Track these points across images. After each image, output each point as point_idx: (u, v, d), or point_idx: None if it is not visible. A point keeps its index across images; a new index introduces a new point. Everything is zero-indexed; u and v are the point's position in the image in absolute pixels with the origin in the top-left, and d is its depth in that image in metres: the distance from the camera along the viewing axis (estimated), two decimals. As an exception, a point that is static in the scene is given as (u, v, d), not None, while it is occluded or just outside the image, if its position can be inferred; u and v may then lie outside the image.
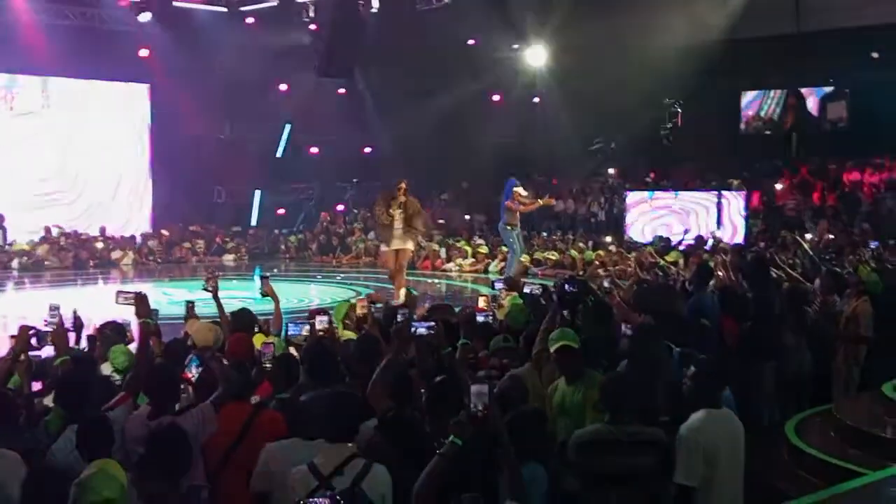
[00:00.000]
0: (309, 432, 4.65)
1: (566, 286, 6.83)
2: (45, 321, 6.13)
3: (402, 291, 11.50)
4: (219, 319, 7.39)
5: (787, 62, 23.26)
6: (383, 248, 15.13)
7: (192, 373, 5.91)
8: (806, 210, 20.87)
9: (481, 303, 7.95)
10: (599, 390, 5.13)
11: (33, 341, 5.90)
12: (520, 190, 17.28)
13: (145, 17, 21.52)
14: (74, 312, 6.70)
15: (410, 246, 15.04)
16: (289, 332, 6.81)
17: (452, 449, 4.18)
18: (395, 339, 5.51)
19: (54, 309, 6.18)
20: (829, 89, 24.15)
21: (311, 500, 3.81)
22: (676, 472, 4.84)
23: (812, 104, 24.49)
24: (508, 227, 17.29)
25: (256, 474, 4.69)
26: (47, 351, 6.31)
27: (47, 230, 22.51)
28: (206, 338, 6.84)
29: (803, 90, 24.63)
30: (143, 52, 23.02)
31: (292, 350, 6.67)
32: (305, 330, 6.71)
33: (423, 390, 5.13)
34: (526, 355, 6.35)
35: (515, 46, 25.27)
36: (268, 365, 5.88)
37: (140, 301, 5.86)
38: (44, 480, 4.21)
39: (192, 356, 6.07)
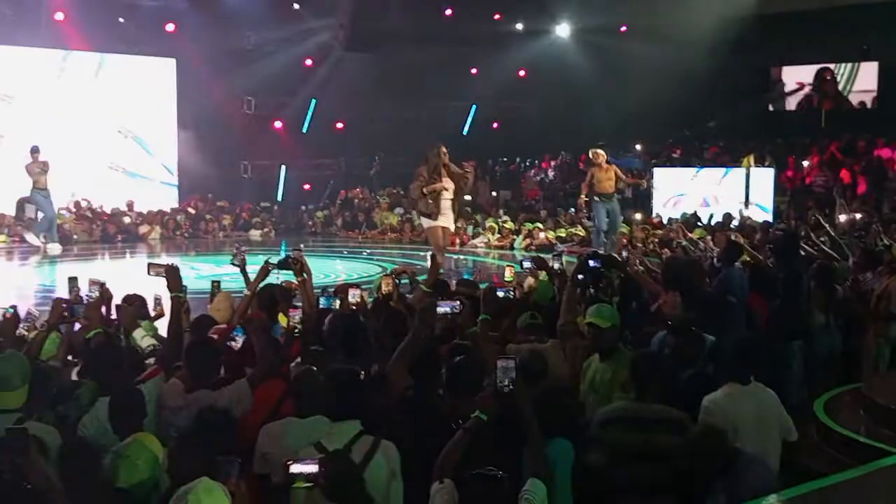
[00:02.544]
0: (315, 409, 4.64)
1: (589, 261, 6.78)
2: (86, 295, 6.18)
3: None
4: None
5: (817, 37, 23.03)
6: (427, 222, 13.32)
7: (237, 343, 5.93)
8: (835, 187, 20.66)
9: (507, 274, 7.89)
10: (630, 367, 5.13)
11: (67, 314, 5.96)
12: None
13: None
14: (103, 285, 6.76)
15: (452, 225, 13.72)
16: (320, 306, 6.81)
17: (477, 424, 4.18)
18: (420, 318, 5.51)
19: (93, 283, 6.23)
20: (859, 63, 23.92)
21: (299, 460, 3.79)
22: None
23: (842, 79, 24.28)
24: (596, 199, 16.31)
25: (255, 456, 4.64)
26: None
27: (76, 204, 22.68)
28: (224, 317, 6.88)
29: (833, 65, 24.43)
30: (170, 27, 23.13)
31: None
32: (335, 304, 6.71)
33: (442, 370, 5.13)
34: (551, 331, 6.34)
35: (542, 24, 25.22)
36: (297, 328, 5.90)
37: (172, 274, 5.86)
38: (77, 451, 4.27)
39: (237, 326, 6.08)
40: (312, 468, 3.73)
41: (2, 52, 22.19)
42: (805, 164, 22.54)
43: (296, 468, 3.73)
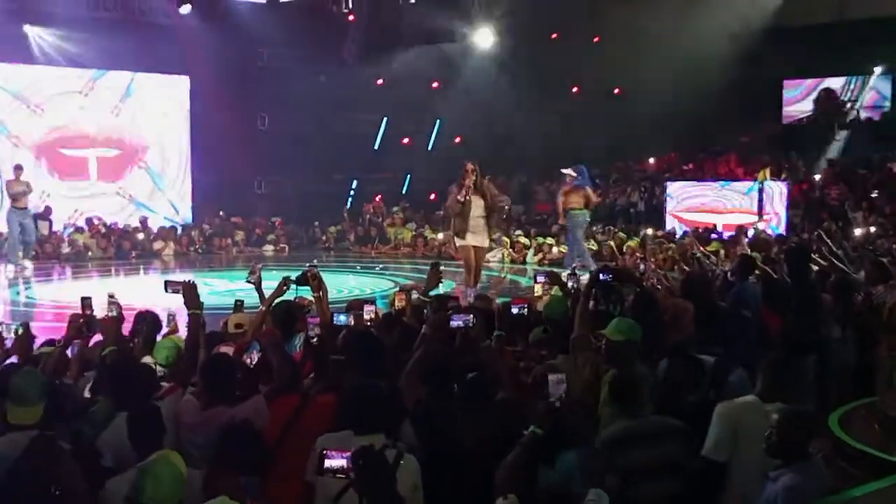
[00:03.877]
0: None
1: (600, 275, 6.78)
2: (104, 308, 6.22)
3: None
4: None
5: (830, 51, 23.01)
6: (458, 241, 13.23)
7: (253, 358, 5.97)
8: (848, 201, 20.60)
9: (538, 290, 7.93)
10: (608, 388, 5.13)
11: (84, 329, 5.99)
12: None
13: (186, 8, 21.66)
14: (111, 298, 6.79)
15: (486, 242, 13.50)
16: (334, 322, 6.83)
17: (533, 438, 4.28)
18: (431, 331, 5.50)
19: (112, 297, 6.26)
20: (871, 77, 23.89)
21: (330, 450, 3.81)
22: (705, 445, 4.90)
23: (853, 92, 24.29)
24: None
25: (309, 465, 4.67)
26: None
27: (90, 221, 22.78)
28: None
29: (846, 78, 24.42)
30: (183, 43, 23.26)
31: None
32: (350, 320, 6.73)
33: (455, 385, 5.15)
34: (562, 345, 6.33)
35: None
36: (314, 339, 5.91)
37: (189, 291, 5.89)
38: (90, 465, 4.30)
39: (254, 342, 6.12)
40: (344, 461, 3.74)
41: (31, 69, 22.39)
42: (818, 177, 22.49)
43: (330, 460, 3.75)
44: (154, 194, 24.76)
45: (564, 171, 16.86)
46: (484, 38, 24.55)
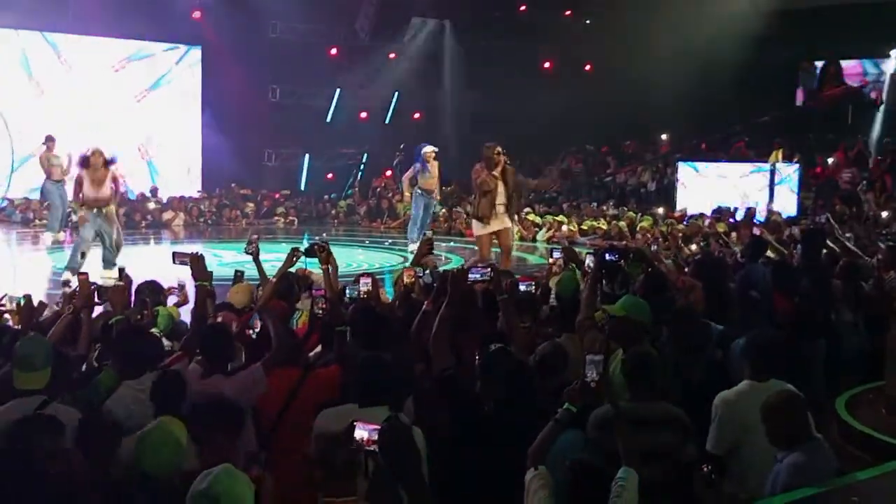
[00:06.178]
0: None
1: (606, 255, 6.70)
2: (114, 280, 6.21)
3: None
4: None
5: (843, 33, 22.83)
6: (478, 228, 12.76)
7: (256, 327, 5.96)
8: (861, 184, 20.48)
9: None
10: (620, 368, 5.09)
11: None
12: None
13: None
14: (122, 270, 6.78)
15: (509, 223, 12.95)
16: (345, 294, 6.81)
17: (567, 415, 4.33)
18: (452, 288, 5.44)
19: (122, 269, 6.24)
20: (886, 60, 23.73)
21: (359, 423, 3.80)
22: (707, 439, 4.95)
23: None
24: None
25: (312, 439, 4.67)
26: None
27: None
28: (242, 300, 6.91)
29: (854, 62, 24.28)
30: (196, 14, 23.23)
31: None
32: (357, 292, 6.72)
33: (476, 353, 5.12)
34: (573, 323, 6.29)
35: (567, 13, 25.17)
36: (319, 312, 5.89)
37: (196, 262, 5.89)
38: (99, 430, 4.31)
39: (254, 314, 6.11)
40: (374, 433, 3.76)
41: (29, 36, 22.39)
42: (831, 160, 22.35)
43: (359, 431, 3.76)
44: (166, 165, 24.81)
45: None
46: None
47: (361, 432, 3.77)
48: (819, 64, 25.26)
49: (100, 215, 13.35)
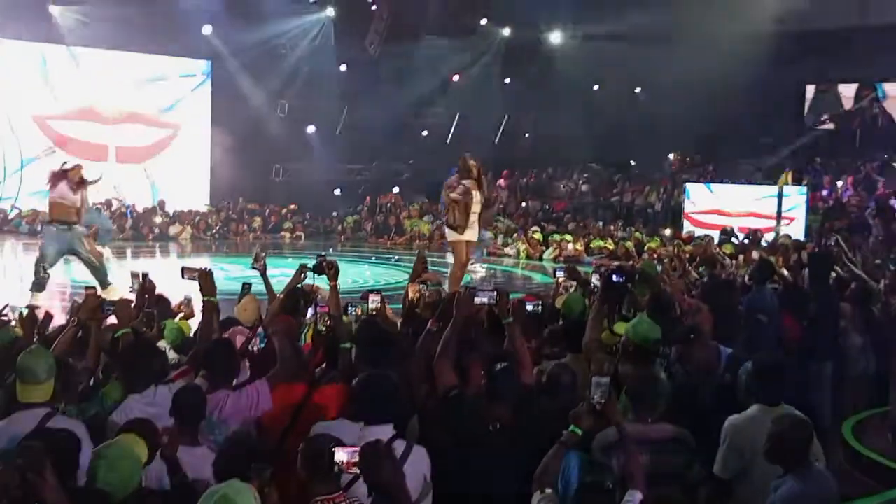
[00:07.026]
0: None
1: (613, 276, 6.68)
2: (130, 289, 6.19)
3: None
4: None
5: (852, 56, 22.85)
6: (453, 235, 12.30)
7: (256, 343, 5.95)
8: (868, 208, 20.45)
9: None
10: (626, 388, 5.06)
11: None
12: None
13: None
14: (145, 277, 6.78)
15: (476, 237, 12.48)
16: (348, 312, 6.79)
17: (572, 438, 4.31)
18: (458, 311, 5.45)
19: (135, 276, 6.23)
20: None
21: (338, 447, 3.80)
22: (715, 462, 4.90)
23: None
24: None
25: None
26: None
27: (108, 203, 22.85)
28: (251, 317, 6.89)
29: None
30: (206, 29, 23.33)
31: None
32: (360, 310, 6.71)
33: (482, 372, 5.10)
34: (573, 344, 6.27)
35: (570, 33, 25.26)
36: (323, 329, 5.88)
37: (205, 278, 5.89)
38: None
39: (260, 331, 6.09)
40: (353, 455, 3.74)
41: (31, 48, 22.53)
42: (839, 183, 22.33)
43: (339, 455, 3.76)
44: (174, 178, 24.85)
45: None
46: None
47: (341, 455, 3.75)
48: (843, 87, 25.19)
49: (67, 231, 12.71)
